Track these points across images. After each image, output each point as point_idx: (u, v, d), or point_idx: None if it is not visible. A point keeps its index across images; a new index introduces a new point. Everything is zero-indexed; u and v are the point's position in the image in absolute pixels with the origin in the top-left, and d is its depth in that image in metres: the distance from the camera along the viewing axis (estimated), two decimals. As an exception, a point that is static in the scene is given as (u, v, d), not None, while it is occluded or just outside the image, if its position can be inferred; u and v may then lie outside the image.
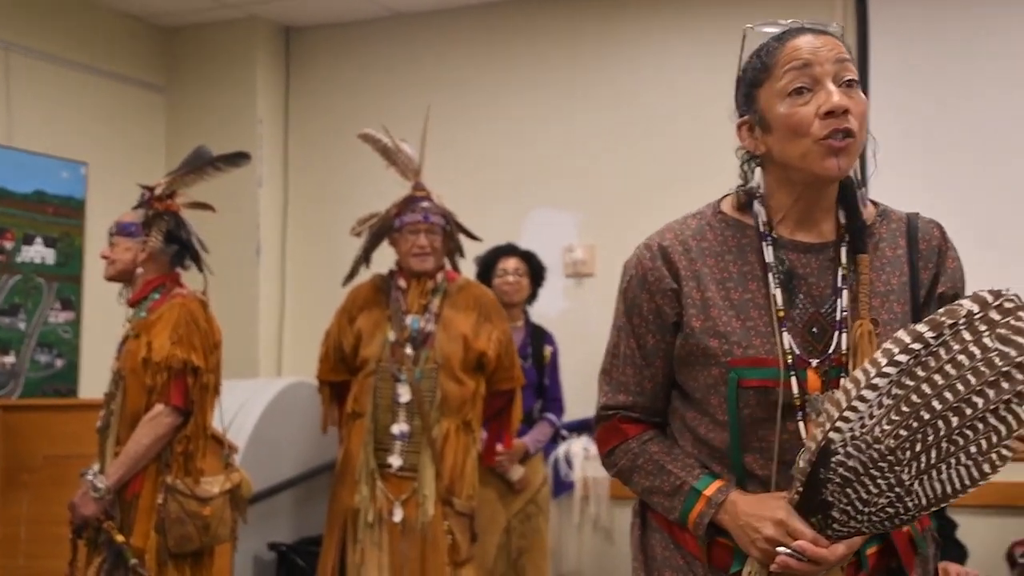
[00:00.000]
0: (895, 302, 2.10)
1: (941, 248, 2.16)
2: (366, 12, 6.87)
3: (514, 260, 5.59)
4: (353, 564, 4.51)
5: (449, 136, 6.53)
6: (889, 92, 5.78)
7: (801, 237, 2.14)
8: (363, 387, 4.64)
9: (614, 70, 6.51)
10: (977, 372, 1.86)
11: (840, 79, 2.04)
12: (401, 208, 4.70)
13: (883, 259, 2.13)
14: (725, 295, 2.12)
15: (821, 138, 2.01)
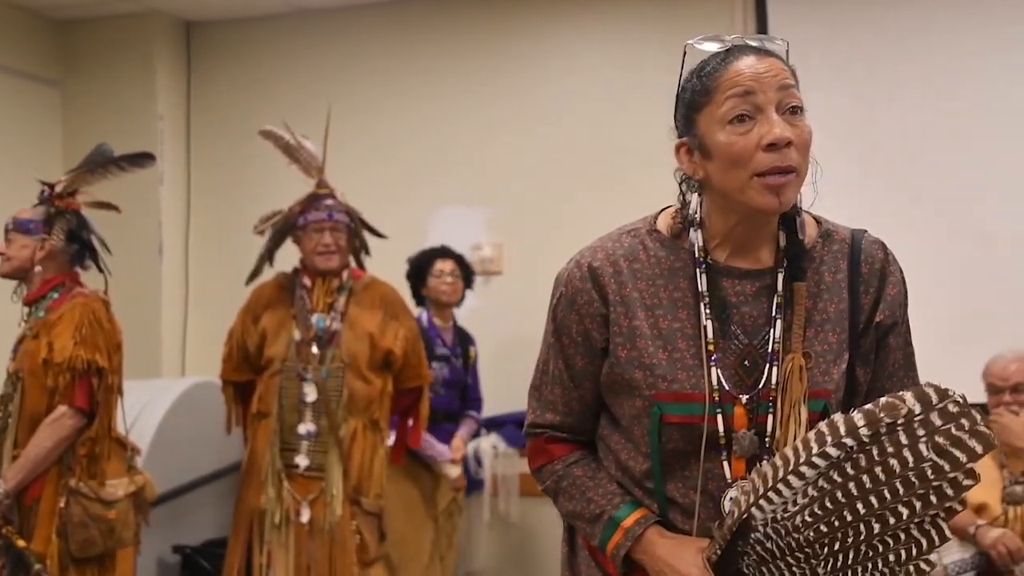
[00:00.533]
0: (830, 331, 2.03)
1: (883, 271, 2.08)
2: (269, 7, 6.81)
3: (450, 262, 5.68)
4: (259, 566, 4.48)
5: (354, 133, 6.51)
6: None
7: (738, 263, 2.06)
8: (268, 387, 4.61)
9: (521, 67, 6.53)
10: (907, 482, 1.79)
11: (783, 107, 1.95)
12: (304, 206, 4.67)
13: (821, 285, 2.05)
14: (654, 323, 2.05)
15: (760, 172, 1.93)
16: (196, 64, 7.09)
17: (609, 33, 6.41)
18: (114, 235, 4.39)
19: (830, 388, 2.00)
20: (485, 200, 6.54)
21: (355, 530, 4.53)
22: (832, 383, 2.00)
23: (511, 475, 6.11)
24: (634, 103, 6.29)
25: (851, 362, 2.03)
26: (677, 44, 6.73)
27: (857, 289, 2.04)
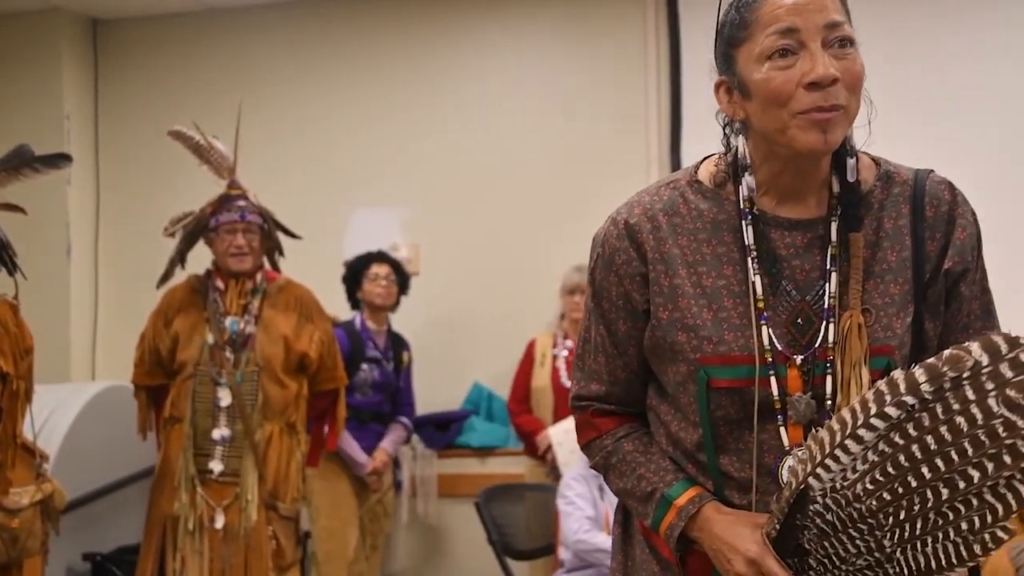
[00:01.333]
0: (891, 283, 1.85)
1: (951, 214, 1.88)
2: (179, 5, 6.76)
3: (386, 267, 5.71)
4: (173, 572, 4.43)
5: (268, 133, 6.49)
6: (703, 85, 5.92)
7: (786, 213, 1.90)
8: (181, 391, 4.56)
9: (438, 68, 6.54)
10: (976, 441, 1.60)
11: (830, 41, 1.80)
12: (216, 207, 4.63)
13: (880, 232, 1.88)
14: (696, 281, 1.91)
15: (802, 111, 1.79)
16: (103, 62, 6.99)
17: (525, 36, 6.44)
18: (20, 236, 4.28)
19: (893, 344, 1.82)
20: (402, 201, 6.54)
21: (271, 535, 4.50)
22: (896, 339, 1.83)
23: (429, 476, 6.13)
24: (549, 104, 6.33)
25: (918, 315, 1.85)
26: (590, 47, 6.87)
27: (922, 235, 1.86)
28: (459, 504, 5.86)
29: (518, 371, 5.80)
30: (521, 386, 5.77)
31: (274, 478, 4.52)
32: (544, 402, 5.67)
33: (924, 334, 1.86)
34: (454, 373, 6.37)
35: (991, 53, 5.73)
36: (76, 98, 6.81)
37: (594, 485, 4.57)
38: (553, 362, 5.69)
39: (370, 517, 5.53)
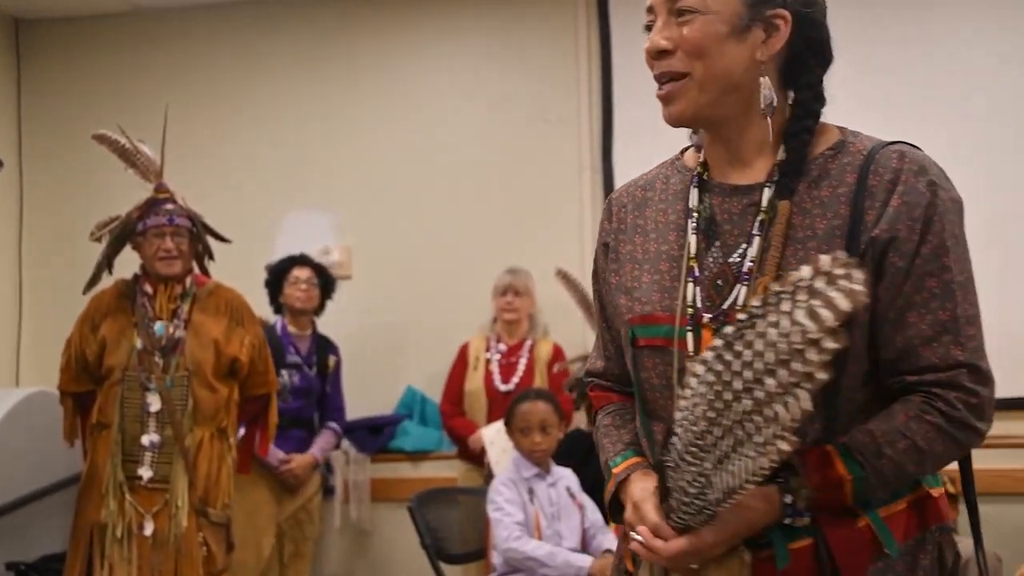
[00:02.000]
0: (813, 251, 1.75)
1: (893, 181, 1.76)
2: (105, 6, 6.70)
3: (307, 270, 5.66)
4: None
5: (198, 136, 6.49)
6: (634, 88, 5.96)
7: (732, 179, 1.88)
8: (109, 397, 4.49)
9: (369, 71, 6.55)
10: (776, 348, 1.58)
11: (672, 10, 1.80)
12: (143, 211, 4.56)
13: (815, 200, 1.80)
14: (645, 247, 1.93)
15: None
16: (26, 63, 6.92)
17: (457, 40, 6.46)
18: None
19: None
20: (334, 204, 6.54)
21: (201, 541, 4.46)
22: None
23: (362, 481, 6.12)
24: (482, 108, 6.35)
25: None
26: (522, 50, 6.90)
27: (861, 204, 1.75)
28: (392, 508, 5.85)
29: (451, 374, 5.80)
30: (454, 389, 5.77)
31: (204, 484, 4.47)
32: (477, 405, 5.67)
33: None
34: (387, 377, 6.36)
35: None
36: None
37: (523, 489, 4.57)
38: (487, 365, 5.70)
39: (292, 524, 5.48)
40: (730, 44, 1.79)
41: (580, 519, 4.62)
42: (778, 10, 1.80)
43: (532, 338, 5.77)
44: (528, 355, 5.72)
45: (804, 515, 1.73)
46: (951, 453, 1.75)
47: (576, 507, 4.64)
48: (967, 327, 1.73)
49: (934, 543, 1.79)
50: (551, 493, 4.62)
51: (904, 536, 1.77)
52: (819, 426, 1.74)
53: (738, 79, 1.80)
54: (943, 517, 1.82)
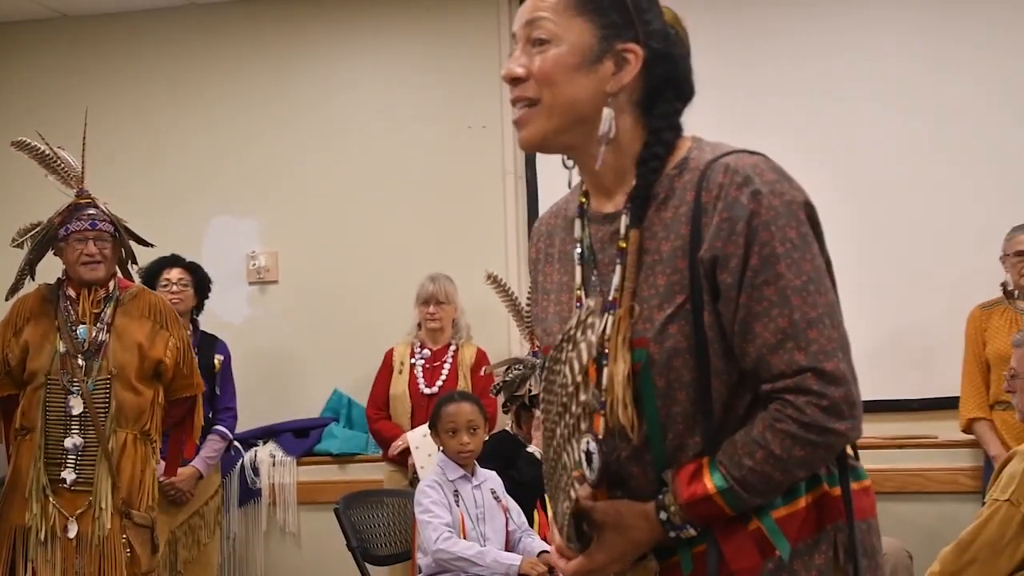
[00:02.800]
0: (660, 274, 1.77)
1: (718, 196, 1.74)
2: (29, 11, 6.62)
3: (177, 271, 5.53)
4: None
5: (123, 141, 6.48)
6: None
7: (602, 208, 1.89)
8: (32, 401, 4.44)
9: (295, 79, 6.54)
10: (559, 398, 1.79)
11: (529, 39, 1.84)
12: (65, 216, 4.51)
13: (662, 222, 1.80)
14: (551, 277, 1.97)
15: None
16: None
17: (382, 49, 6.49)
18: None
19: (648, 337, 1.75)
20: (260, 210, 6.52)
21: (125, 543, 4.40)
22: (652, 331, 1.75)
23: (288, 483, 6.10)
24: (407, 116, 6.37)
25: (696, 305, 1.74)
26: (443, 62, 6.83)
27: (699, 222, 1.74)
28: (319, 511, 5.80)
29: (376, 379, 5.77)
30: (380, 393, 5.74)
31: (128, 486, 4.43)
32: (402, 409, 5.66)
33: (701, 323, 1.74)
34: (314, 380, 6.36)
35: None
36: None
37: (449, 491, 4.55)
38: (411, 370, 5.68)
39: (185, 531, 5.36)
40: (580, 75, 1.81)
41: (505, 521, 4.60)
42: (629, 44, 1.81)
43: (456, 343, 5.75)
44: (452, 359, 5.70)
45: (685, 528, 1.74)
46: (815, 456, 1.72)
47: (501, 509, 4.61)
48: (808, 331, 1.70)
49: (830, 542, 1.77)
50: (476, 495, 4.60)
51: (799, 536, 1.75)
52: (699, 440, 1.76)
53: (586, 109, 1.82)
54: (841, 515, 1.78)
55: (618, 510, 1.78)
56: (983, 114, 5.69)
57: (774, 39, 5.95)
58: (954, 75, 5.74)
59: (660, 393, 1.75)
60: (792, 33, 5.99)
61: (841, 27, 5.91)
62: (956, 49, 5.76)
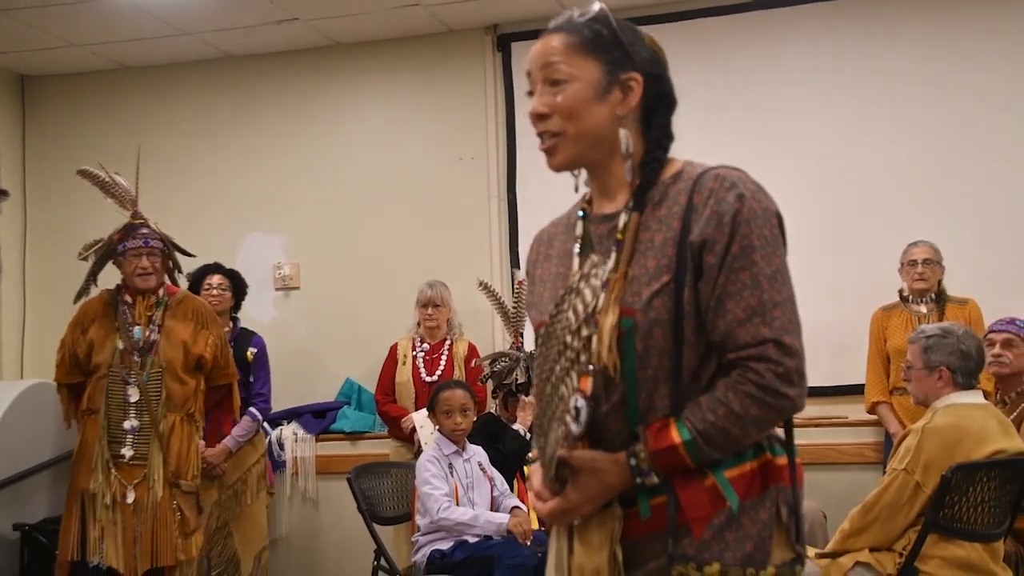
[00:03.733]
0: (651, 258, 1.79)
1: (709, 196, 1.79)
2: (94, 64, 6.64)
3: (218, 277, 5.51)
4: (93, 539, 4.35)
5: (174, 171, 6.50)
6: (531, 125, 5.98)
7: (604, 210, 1.91)
8: (96, 388, 4.48)
9: (314, 117, 6.53)
10: (558, 337, 1.80)
11: (547, 80, 1.85)
12: (123, 235, 4.55)
13: (656, 219, 1.83)
14: (548, 270, 1.98)
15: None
16: (30, 111, 6.84)
17: (386, 94, 6.50)
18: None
19: (636, 308, 1.77)
20: (285, 227, 6.51)
21: (175, 508, 4.44)
22: (640, 303, 1.77)
23: (308, 457, 6.08)
24: (407, 147, 6.37)
25: (678, 285, 1.77)
26: (439, 102, 6.83)
27: (688, 218, 1.79)
28: (334, 480, 5.80)
29: (383, 368, 5.76)
30: (386, 381, 5.73)
31: (176, 460, 4.46)
32: (407, 394, 5.65)
33: (681, 300, 1.76)
34: (329, 370, 6.34)
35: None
36: (5, 142, 6.63)
37: (444, 463, 4.58)
38: (414, 361, 5.67)
39: (230, 495, 5.33)
40: (595, 105, 1.84)
41: (490, 488, 4.63)
42: (631, 73, 1.85)
43: (450, 338, 5.74)
44: (448, 352, 5.69)
45: (651, 475, 1.74)
46: (769, 416, 1.74)
47: (487, 479, 4.64)
48: (774, 310, 1.74)
49: (773, 501, 1.78)
50: (466, 467, 4.62)
51: (747, 494, 1.76)
52: (667, 402, 1.77)
53: (604, 133, 1.85)
54: (783, 480, 1.81)
55: (594, 457, 1.78)
56: (882, 148, 5.68)
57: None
58: (854, 113, 5.72)
59: (639, 356, 1.76)
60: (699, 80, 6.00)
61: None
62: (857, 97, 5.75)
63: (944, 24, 5.69)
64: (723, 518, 1.74)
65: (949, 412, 3.67)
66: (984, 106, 5.57)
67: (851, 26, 5.78)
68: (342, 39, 6.37)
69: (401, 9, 5.91)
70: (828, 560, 3.68)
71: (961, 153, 5.59)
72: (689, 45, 5.88)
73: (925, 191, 5.61)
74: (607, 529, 1.78)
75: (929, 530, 3.53)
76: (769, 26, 5.89)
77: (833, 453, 5.48)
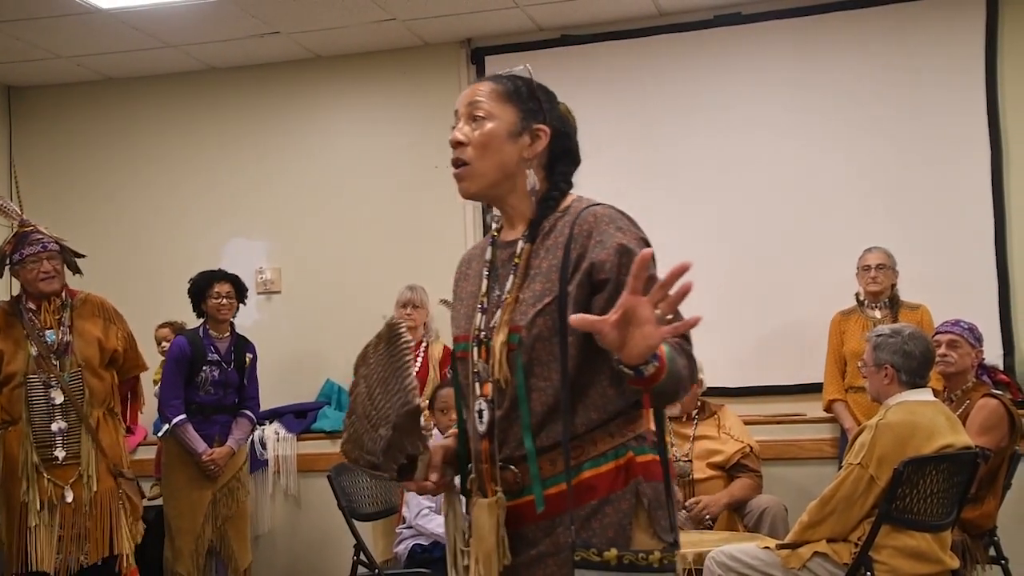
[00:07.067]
0: (538, 282, 1.97)
1: (591, 231, 1.96)
2: (81, 75, 6.60)
3: (227, 285, 5.41)
4: (36, 544, 4.30)
5: (159, 180, 6.52)
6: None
7: (507, 237, 2.08)
8: (12, 398, 4.39)
9: (295, 126, 6.51)
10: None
11: (469, 116, 2.03)
12: (15, 244, 4.44)
13: (545, 248, 2.01)
14: (467, 289, 2.13)
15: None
16: (16, 121, 6.81)
17: (364, 105, 6.49)
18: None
19: (521, 324, 1.95)
20: (266, 233, 6.49)
21: (122, 495, 4.45)
22: (525, 320, 1.95)
23: (289, 455, 6.08)
24: (385, 155, 6.38)
25: (561, 305, 1.94)
26: (413, 112, 6.84)
27: (569, 248, 1.96)
28: (315, 478, 5.81)
29: (362, 369, 5.75)
30: (365, 381, 5.72)
31: (111, 452, 4.44)
32: (384, 392, 5.63)
33: (564, 317, 1.91)
34: (310, 372, 6.30)
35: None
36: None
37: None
38: (392, 361, 5.67)
39: (225, 492, 5.30)
40: (506, 144, 2.02)
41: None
42: (541, 125, 2.03)
43: (427, 340, 5.75)
44: (424, 354, 5.68)
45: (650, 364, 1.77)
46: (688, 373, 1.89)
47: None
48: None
49: (633, 493, 1.92)
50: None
51: (611, 488, 1.92)
52: (551, 407, 1.94)
53: (509, 169, 2.03)
54: (647, 475, 1.95)
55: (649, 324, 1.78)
56: (840, 161, 5.74)
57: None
58: (816, 129, 5.79)
59: (525, 367, 1.94)
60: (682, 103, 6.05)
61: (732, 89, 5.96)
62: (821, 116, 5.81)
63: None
64: (589, 509, 1.91)
65: (901, 409, 3.76)
66: (926, 122, 5.65)
67: (818, 43, 5.84)
68: (322, 52, 6.36)
69: (379, 23, 5.92)
70: (788, 551, 3.77)
71: (913, 165, 5.65)
72: (649, 60, 5.99)
73: (881, 200, 5.65)
74: (494, 517, 1.94)
75: (882, 521, 3.58)
76: (734, 42, 5.93)
77: (794, 448, 5.52)
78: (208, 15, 5.70)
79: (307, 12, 5.73)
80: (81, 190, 6.60)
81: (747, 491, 4.95)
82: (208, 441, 5.22)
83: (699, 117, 5.95)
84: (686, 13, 5.97)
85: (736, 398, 5.56)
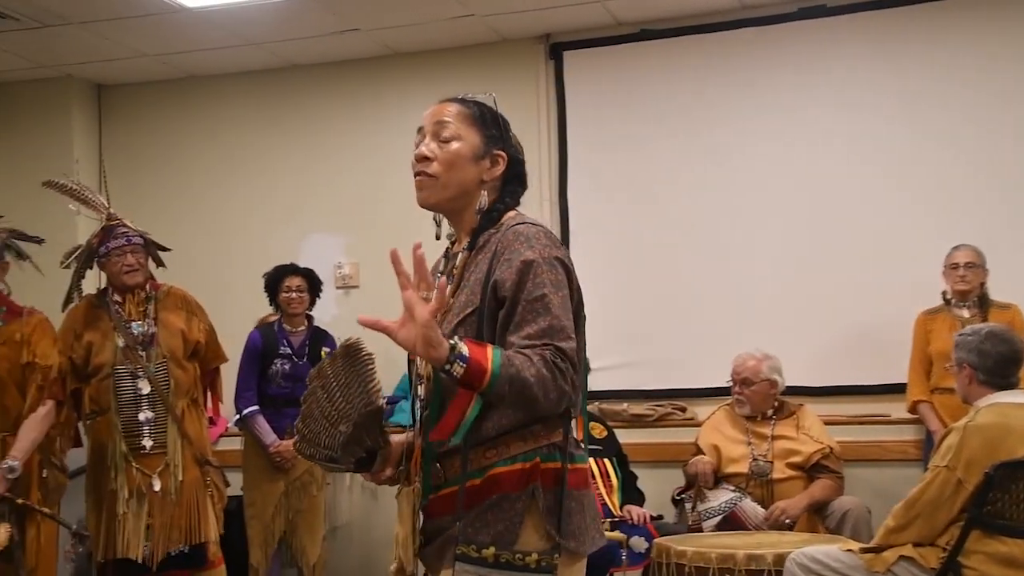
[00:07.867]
0: (465, 293, 2.12)
1: (506, 248, 2.08)
2: (167, 73, 6.68)
3: (298, 278, 5.44)
4: (124, 531, 4.34)
5: (243, 176, 6.56)
6: (583, 141, 6.01)
7: (456, 248, 2.23)
8: (101, 389, 4.42)
9: (371, 126, 6.50)
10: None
11: (436, 134, 2.16)
12: (102, 237, 4.46)
13: (477, 261, 2.14)
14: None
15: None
16: (106, 118, 6.90)
17: (435, 99, 6.37)
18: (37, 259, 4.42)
19: (446, 332, 2.01)
20: (345, 228, 6.48)
21: (210, 483, 4.49)
22: (448, 329, 2.07)
23: (369, 448, 6.08)
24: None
25: (480, 316, 2.08)
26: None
27: (493, 263, 2.09)
28: (392, 469, 5.81)
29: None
30: (441, 375, 5.70)
31: (196, 442, 4.47)
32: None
33: (481, 329, 2.06)
34: (387, 366, 6.18)
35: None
36: (84, 147, 6.70)
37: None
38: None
39: (298, 486, 5.34)
40: (469, 165, 2.16)
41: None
42: (500, 151, 2.18)
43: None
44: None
45: (453, 367, 1.94)
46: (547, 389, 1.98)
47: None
48: (559, 331, 2.01)
49: (530, 495, 2.03)
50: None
51: (513, 487, 2.03)
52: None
53: (467, 188, 2.17)
54: (547, 481, 2.05)
55: (437, 333, 1.96)
56: (927, 155, 5.58)
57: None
58: (906, 119, 5.64)
59: None
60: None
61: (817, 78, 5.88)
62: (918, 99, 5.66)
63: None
64: (488, 504, 2.03)
65: (991, 411, 3.62)
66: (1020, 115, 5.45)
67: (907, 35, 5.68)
68: (400, 48, 6.35)
69: (457, 19, 5.89)
70: (872, 555, 3.66)
71: (1007, 162, 5.46)
72: (730, 54, 5.88)
73: (973, 197, 5.47)
74: (411, 505, 2.13)
75: (972, 526, 3.47)
76: (816, 35, 5.84)
77: (877, 450, 5.38)
78: (290, 13, 5.72)
79: (386, 9, 5.72)
80: (166, 184, 6.66)
81: (828, 492, 4.83)
82: (279, 433, 5.24)
83: (777, 111, 5.83)
84: (768, 7, 5.84)
85: (818, 397, 5.42)
